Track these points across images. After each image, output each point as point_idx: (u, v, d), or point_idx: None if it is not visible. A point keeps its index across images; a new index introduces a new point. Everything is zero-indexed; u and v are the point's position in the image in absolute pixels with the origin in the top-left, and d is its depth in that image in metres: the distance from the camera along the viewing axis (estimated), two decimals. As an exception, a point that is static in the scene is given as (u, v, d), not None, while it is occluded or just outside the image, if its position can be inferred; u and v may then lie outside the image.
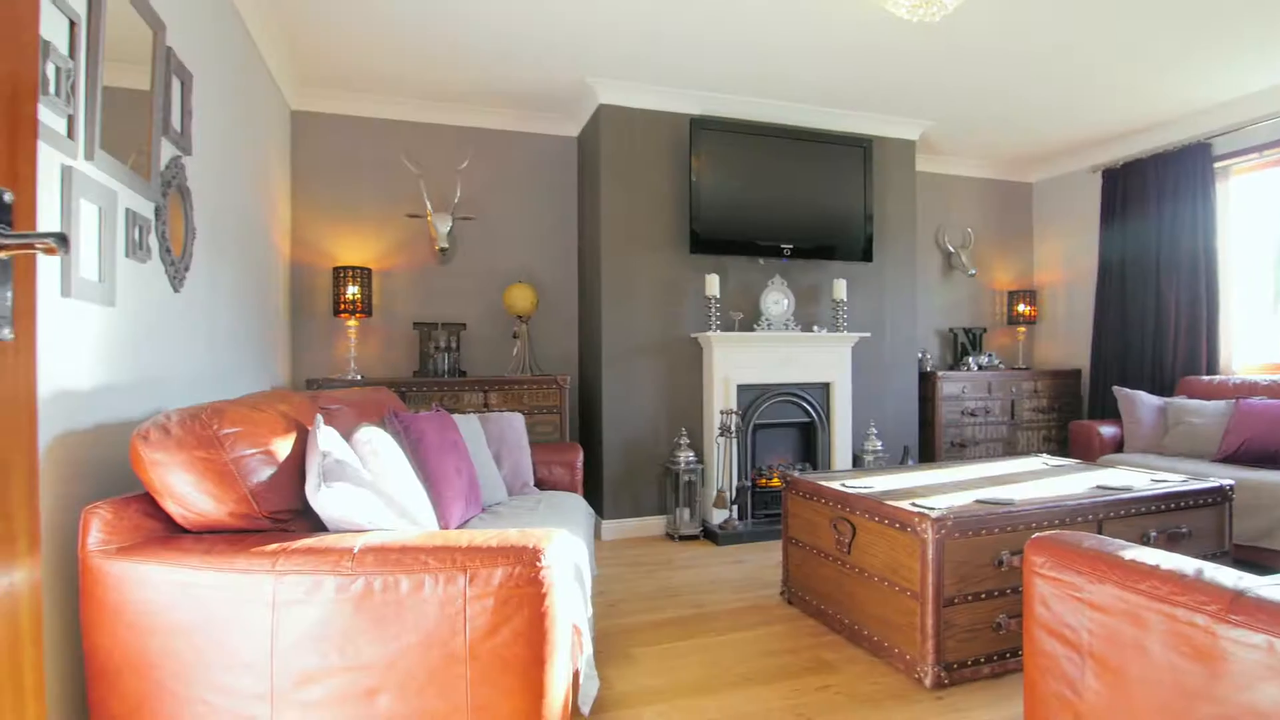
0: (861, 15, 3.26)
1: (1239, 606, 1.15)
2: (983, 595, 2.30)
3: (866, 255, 4.59)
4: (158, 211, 2.04)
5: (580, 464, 3.27)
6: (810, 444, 4.57)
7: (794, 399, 4.44)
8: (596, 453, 4.25)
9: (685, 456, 4.05)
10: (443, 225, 4.20)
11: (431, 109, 4.36)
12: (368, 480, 1.76)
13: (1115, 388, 4.43)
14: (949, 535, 2.23)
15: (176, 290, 2.21)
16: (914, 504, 2.39)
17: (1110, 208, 5.16)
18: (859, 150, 4.55)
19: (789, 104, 4.40)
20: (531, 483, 3.09)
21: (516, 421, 3.23)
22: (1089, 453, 4.27)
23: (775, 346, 4.35)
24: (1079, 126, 4.88)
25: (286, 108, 4.03)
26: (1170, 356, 4.68)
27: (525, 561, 1.46)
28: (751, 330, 4.36)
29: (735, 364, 4.25)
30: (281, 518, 1.59)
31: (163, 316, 2.11)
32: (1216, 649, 1.17)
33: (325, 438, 1.73)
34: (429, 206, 4.26)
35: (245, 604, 1.41)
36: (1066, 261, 5.73)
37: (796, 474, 3.04)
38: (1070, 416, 5.42)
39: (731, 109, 4.34)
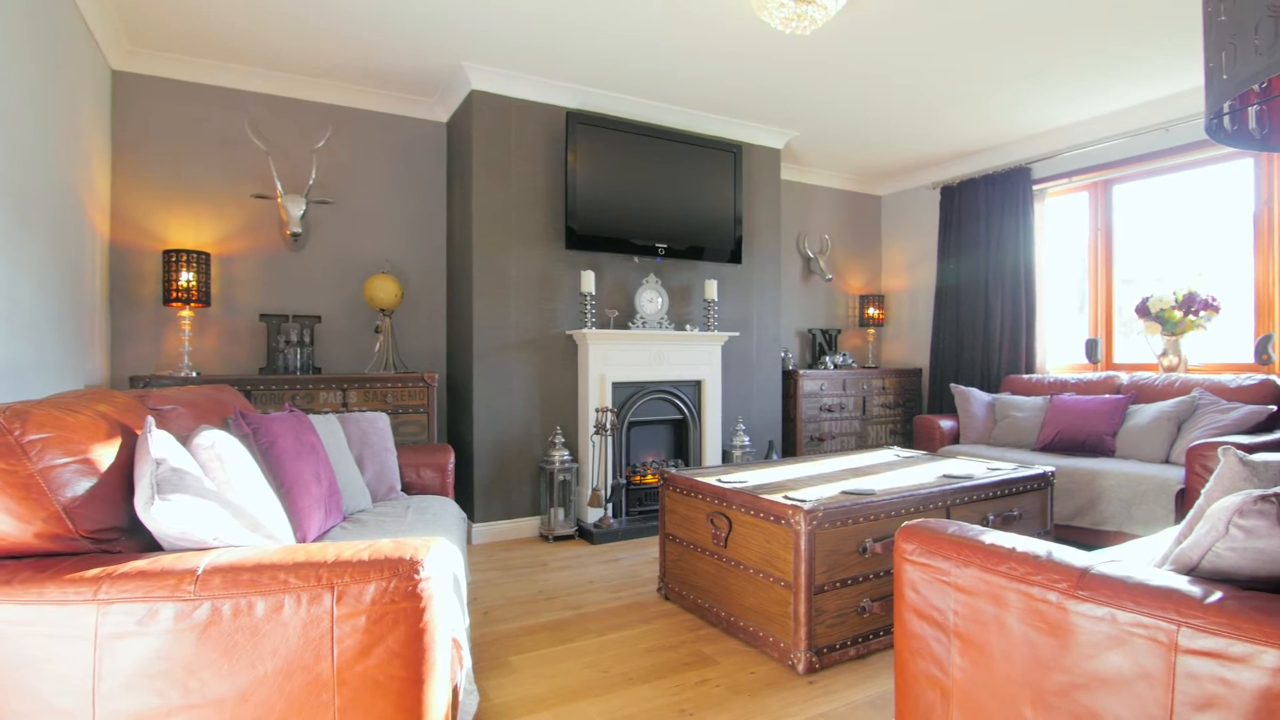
0: (739, 24, 3.34)
1: (1086, 583, 1.27)
2: (849, 581, 2.42)
3: (736, 257, 4.74)
4: (-65, 173, 1.70)
5: (451, 466, 3.11)
6: (682, 440, 4.65)
7: (667, 396, 4.50)
8: (467, 453, 4.08)
9: (560, 455, 3.98)
10: (295, 208, 3.86)
11: (284, 81, 3.99)
12: (211, 490, 1.56)
13: (952, 385, 4.86)
14: (820, 526, 2.33)
15: (-40, 269, 1.85)
16: (787, 497, 2.48)
17: (947, 221, 5.67)
18: (730, 155, 4.68)
19: (665, 105, 4.45)
20: (398, 487, 2.90)
21: (380, 422, 3.03)
22: (931, 444, 4.66)
23: (650, 345, 4.38)
24: (923, 146, 5.31)
25: (106, 67, 3.53)
26: (996, 357, 5.22)
27: (402, 574, 1.34)
28: (626, 328, 4.36)
29: (611, 362, 4.23)
30: (105, 538, 1.36)
31: (-59, 300, 1.76)
32: (1067, 622, 1.29)
33: (158, 443, 1.51)
34: (279, 187, 3.89)
35: (59, 640, 1.19)
36: (909, 269, 6.23)
37: (674, 471, 3.07)
38: (913, 411, 5.90)
39: (609, 106, 4.32)
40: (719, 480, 2.82)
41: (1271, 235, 4.01)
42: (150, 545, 1.46)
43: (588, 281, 4.13)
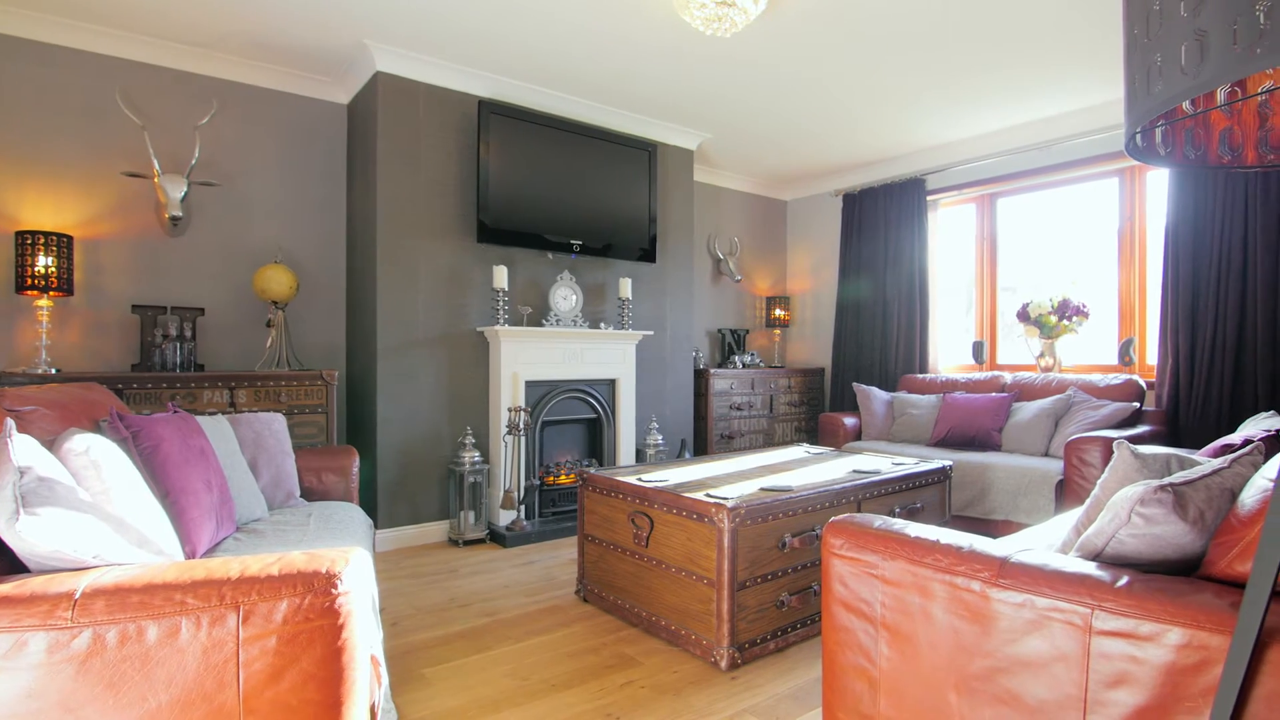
0: (660, 21, 3.33)
1: (1006, 571, 1.33)
2: (769, 576, 2.46)
3: (650, 256, 4.74)
4: None
5: (356, 469, 2.93)
6: (597, 440, 4.60)
7: (582, 395, 4.44)
8: (370, 455, 3.87)
9: (470, 456, 3.84)
10: (175, 189, 3.52)
11: (163, 49, 3.63)
12: (87, 502, 1.38)
13: (855, 384, 5.07)
14: (742, 523, 2.35)
15: None
16: (709, 495, 2.49)
17: (849, 228, 5.91)
18: (645, 154, 4.68)
19: (581, 100, 4.39)
20: (297, 493, 2.70)
21: (276, 424, 2.81)
22: (835, 440, 4.84)
23: (564, 343, 4.31)
24: (828, 155, 5.51)
25: (-57, 19, 3.09)
26: (894, 356, 5.49)
27: (318, 589, 1.23)
28: (540, 325, 4.27)
29: (524, 360, 4.13)
30: (-46, 559, 1.17)
31: None
32: (988, 610, 1.34)
33: (21, 449, 1.32)
34: (156, 165, 3.54)
35: (-106, 685, 1.01)
36: (813, 272, 6.46)
37: (593, 471, 3.02)
38: (817, 409, 6.12)
39: (524, 97, 4.21)
40: (639, 479, 2.80)
41: (1133, 248, 4.42)
42: (15, 567, 1.27)
43: (500, 277, 4.00)
